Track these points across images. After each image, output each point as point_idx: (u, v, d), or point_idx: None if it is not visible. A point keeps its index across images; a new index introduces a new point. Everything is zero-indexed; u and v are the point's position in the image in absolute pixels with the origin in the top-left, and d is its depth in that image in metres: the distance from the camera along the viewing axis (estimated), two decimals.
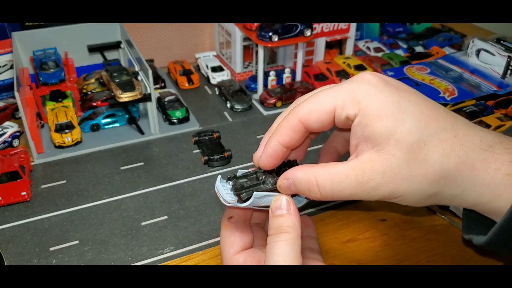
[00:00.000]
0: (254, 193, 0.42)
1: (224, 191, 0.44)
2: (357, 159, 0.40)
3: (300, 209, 0.45)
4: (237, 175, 0.46)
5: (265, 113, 0.90)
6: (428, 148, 0.38)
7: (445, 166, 0.39)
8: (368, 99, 0.39)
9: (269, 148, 0.44)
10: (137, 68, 0.85)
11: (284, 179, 0.43)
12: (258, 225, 0.52)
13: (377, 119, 0.38)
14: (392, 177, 0.38)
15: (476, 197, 0.40)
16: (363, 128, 0.39)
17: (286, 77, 0.97)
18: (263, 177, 0.45)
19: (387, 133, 0.38)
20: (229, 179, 0.45)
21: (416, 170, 0.38)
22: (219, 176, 0.45)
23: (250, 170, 0.47)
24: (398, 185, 0.39)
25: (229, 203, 0.43)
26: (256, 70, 0.98)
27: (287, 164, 0.46)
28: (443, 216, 0.63)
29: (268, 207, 0.44)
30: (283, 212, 0.43)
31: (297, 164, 0.47)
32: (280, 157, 0.44)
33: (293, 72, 0.99)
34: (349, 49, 1.10)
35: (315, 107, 0.41)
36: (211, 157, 0.74)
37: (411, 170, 0.38)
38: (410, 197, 0.40)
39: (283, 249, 0.41)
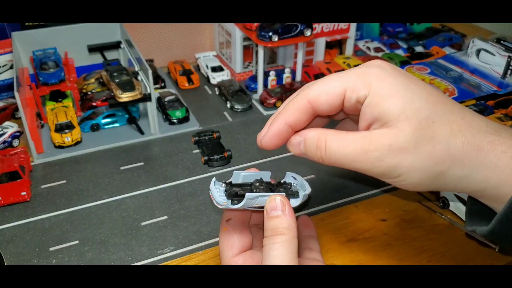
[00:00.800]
0: (246, 194, 0.42)
1: (217, 193, 0.44)
2: (367, 131, 0.41)
3: (296, 209, 0.45)
4: (231, 180, 0.46)
5: (265, 113, 0.90)
6: (436, 126, 0.39)
7: (451, 145, 0.39)
8: (378, 80, 0.40)
9: (274, 127, 0.44)
10: (137, 68, 0.85)
11: (297, 135, 0.43)
12: (257, 226, 0.52)
13: (387, 98, 0.39)
14: (398, 150, 0.39)
15: (483, 180, 0.40)
16: (373, 108, 0.40)
17: (286, 77, 0.97)
18: (257, 190, 0.45)
19: (396, 110, 0.39)
20: (224, 183, 0.45)
21: (423, 146, 0.39)
22: (214, 179, 0.45)
23: (245, 171, 0.47)
24: (402, 159, 0.39)
25: (221, 205, 0.43)
26: (256, 70, 0.98)
27: (282, 185, 0.46)
28: (443, 216, 0.63)
29: (263, 207, 0.44)
30: (278, 213, 0.42)
31: (291, 187, 0.47)
32: (284, 138, 0.44)
33: (293, 72, 0.99)
34: (349, 49, 1.10)
35: (325, 89, 0.42)
36: (211, 157, 0.74)
37: (418, 145, 0.39)
38: (415, 175, 0.40)
39: (280, 251, 0.41)
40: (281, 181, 0.47)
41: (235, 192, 0.43)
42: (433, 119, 0.39)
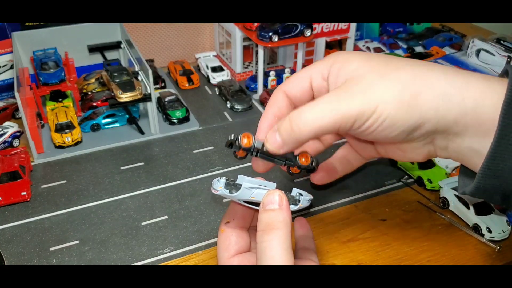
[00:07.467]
0: (244, 183, 0.42)
1: (217, 184, 0.45)
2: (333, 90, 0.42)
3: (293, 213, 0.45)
4: (236, 181, 0.46)
5: None
6: (396, 63, 0.40)
7: (416, 69, 0.39)
8: (338, 54, 0.43)
9: (265, 121, 0.48)
10: (137, 68, 0.86)
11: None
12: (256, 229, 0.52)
13: (349, 61, 0.42)
14: (367, 87, 0.39)
15: (460, 100, 0.37)
16: (338, 72, 0.42)
17: (286, 77, 0.97)
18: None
19: (354, 65, 0.41)
20: (227, 179, 0.45)
21: (387, 75, 0.39)
22: (218, 178, 0.46)
23: (251, 177, 0.47)
24: (372, 92, 0.38)
25: (218, 191, 0.43)
26: (256, 70, 0.98)
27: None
28: (443, 215, 0.64)
29: (257, 204, 0.44)
30: (275, 207, 0.42)
31: None
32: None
33: (293, 72, 0.99)
34: (349, 49, 1.10)
35: (293, 78, 0.46)
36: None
37: (383, 77, 0.39)
38: (387, 106, 0.38)
39: (275, 247, 0.41)
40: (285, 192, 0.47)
41: (233, 184, 0.44)
42: (390, 60, 0.40)
